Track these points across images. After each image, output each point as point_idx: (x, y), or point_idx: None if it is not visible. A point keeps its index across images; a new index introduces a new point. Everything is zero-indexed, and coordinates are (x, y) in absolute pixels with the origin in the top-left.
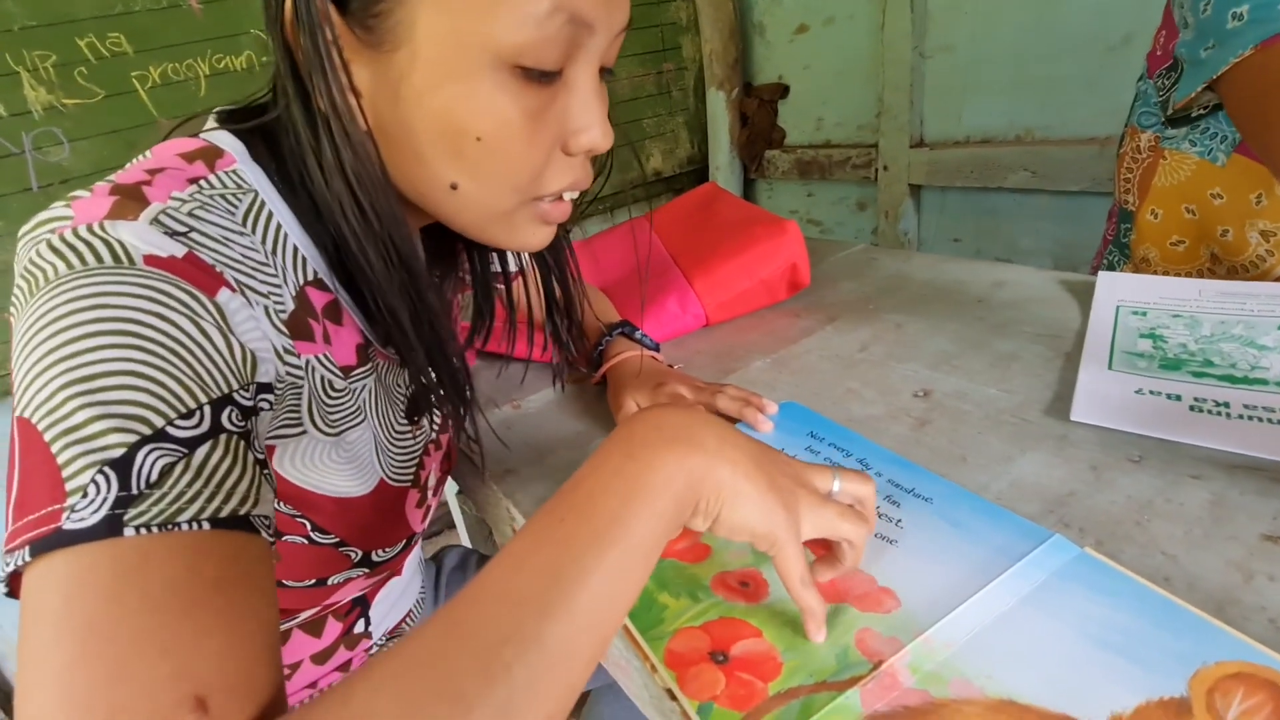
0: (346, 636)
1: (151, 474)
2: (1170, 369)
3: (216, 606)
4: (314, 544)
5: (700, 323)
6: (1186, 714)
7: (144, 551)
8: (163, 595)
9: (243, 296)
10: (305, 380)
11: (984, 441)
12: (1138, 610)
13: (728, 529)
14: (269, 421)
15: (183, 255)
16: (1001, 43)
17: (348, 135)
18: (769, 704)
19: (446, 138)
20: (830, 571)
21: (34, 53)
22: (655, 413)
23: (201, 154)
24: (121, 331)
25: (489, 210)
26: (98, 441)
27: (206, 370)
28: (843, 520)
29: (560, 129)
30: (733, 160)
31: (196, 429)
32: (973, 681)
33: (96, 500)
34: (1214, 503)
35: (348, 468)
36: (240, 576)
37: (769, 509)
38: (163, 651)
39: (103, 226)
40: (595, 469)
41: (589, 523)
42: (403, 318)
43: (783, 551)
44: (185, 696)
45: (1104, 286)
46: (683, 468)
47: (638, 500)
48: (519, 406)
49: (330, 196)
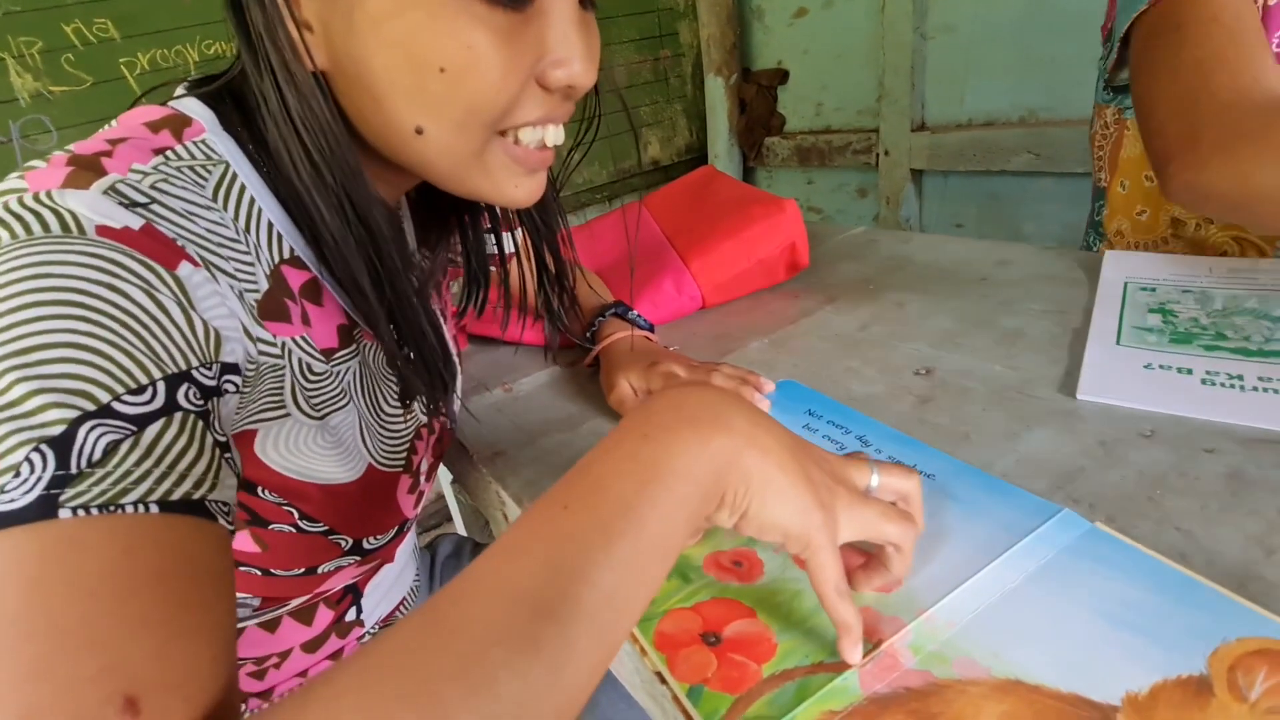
0: (338, 624)
1: (94, 452)
2: (1181, 343)
3: (157, 597)
4: (302, 532)
5: (697, 304)
6: (1207, 692)
7: (77, 536)
8: (95, 583)
9: (207, 272)
10: (285, 362)
11: (989, 418)
12: (1153, 586)
13: (757, 526)
14: (245, 404)
15: (139, 227)
16: (1004, 22)
17: (291, 74)
18: (763, 686)
19: (407, 71)
20: (877, 579)
21: (19, 39)
22: (675, 392)
23: (168, 122)
24: (65, 302)
25: (459, 153)
26: (35, 418)
27: (161, 345)
28: (886, 520)
29: (534, 60)
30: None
31: (148, 405)
32: (978, 661)
33: (30, 480)
34: (1231, 477)
35: (333, 452)
36: (188, 566)
37: (804, 506)
38: (89, 645)
39: (50, 195)
40: (606, 452)
41: (596, 512)
42: (362, 280)
43: (817, 556)
44: (113, 694)
45: (1111, 264)
46: (706, 451)
47: (654, 487)
48: (510, 389)
49: (281, 147)
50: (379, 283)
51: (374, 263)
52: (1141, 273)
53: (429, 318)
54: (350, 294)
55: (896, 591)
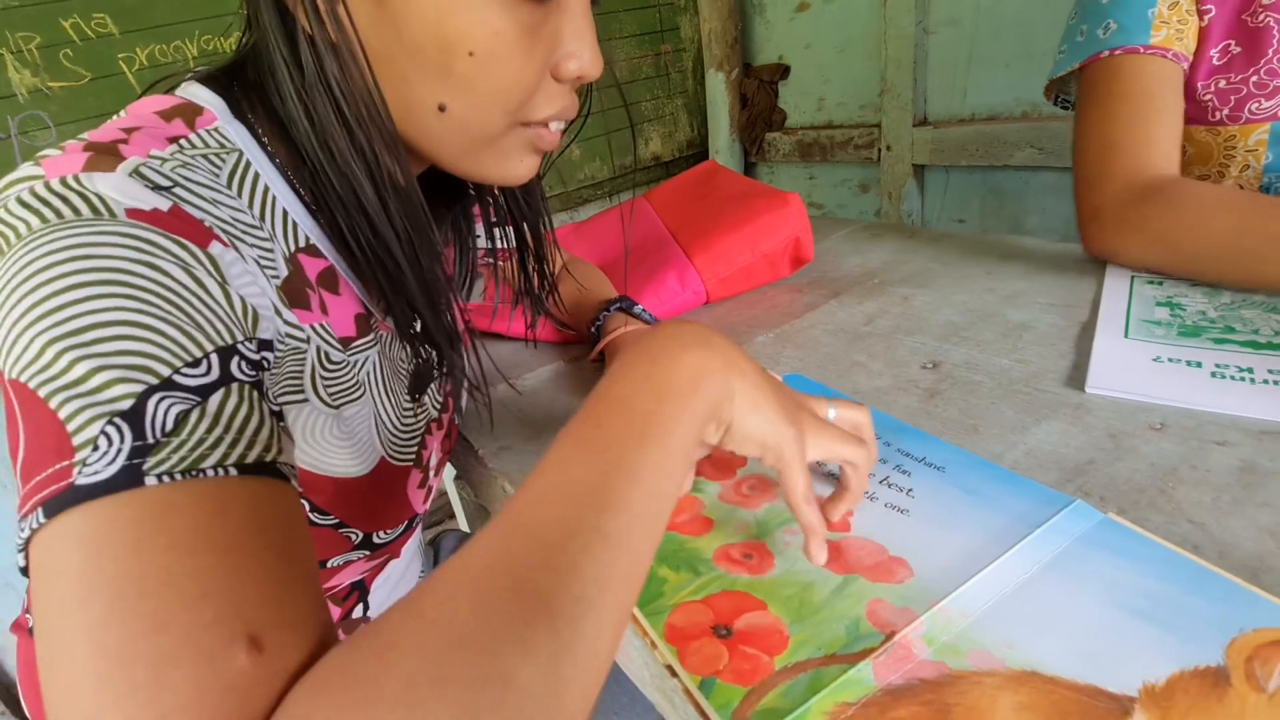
0: (345, 621)
1: (166, 422)
2: (1189, 336)
3: (254, 548)
4: (313, 525)
5: (701, 299)
6: (1224, 683)
7: (168, 500)
8: (193, 541)
9: (236, 252)
10: (308, 348)
11: (997, 411)
12: (1168, 576)
13: (739, 438)
14: (271, 385)
15: (168, 209)
16: (1007, 15)
17: (333, 43)
18: (775, 678)
19: (436, 52)
20: (841, 505)
21: (17, 34)
22: (668, 325)
23: (179, 111)
24: (110, 281)
25: (478, 134)
26: (102, 395)
27: (206, 320)
28: (844, 444)
29: (551, 51)
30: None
31: (206, 377)
32: (992, 652)
33: (110, 452)
34: (1243, 469)
35: (347, 444)
36: (274, 521)
37: (778, 422)
38: (203, 595)
39: (78, 179)
40: (620, 377)
41: (626, 424)
42: (395, 250)
43: (789, 466)
44: (235, 635)
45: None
46: (704, 370)
47: (671, 400)
48: (515, 385)
49: (313, 125)
50: (414, 257)
51: (409, 233)
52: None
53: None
54: (374, 271)
55: (909, 583)
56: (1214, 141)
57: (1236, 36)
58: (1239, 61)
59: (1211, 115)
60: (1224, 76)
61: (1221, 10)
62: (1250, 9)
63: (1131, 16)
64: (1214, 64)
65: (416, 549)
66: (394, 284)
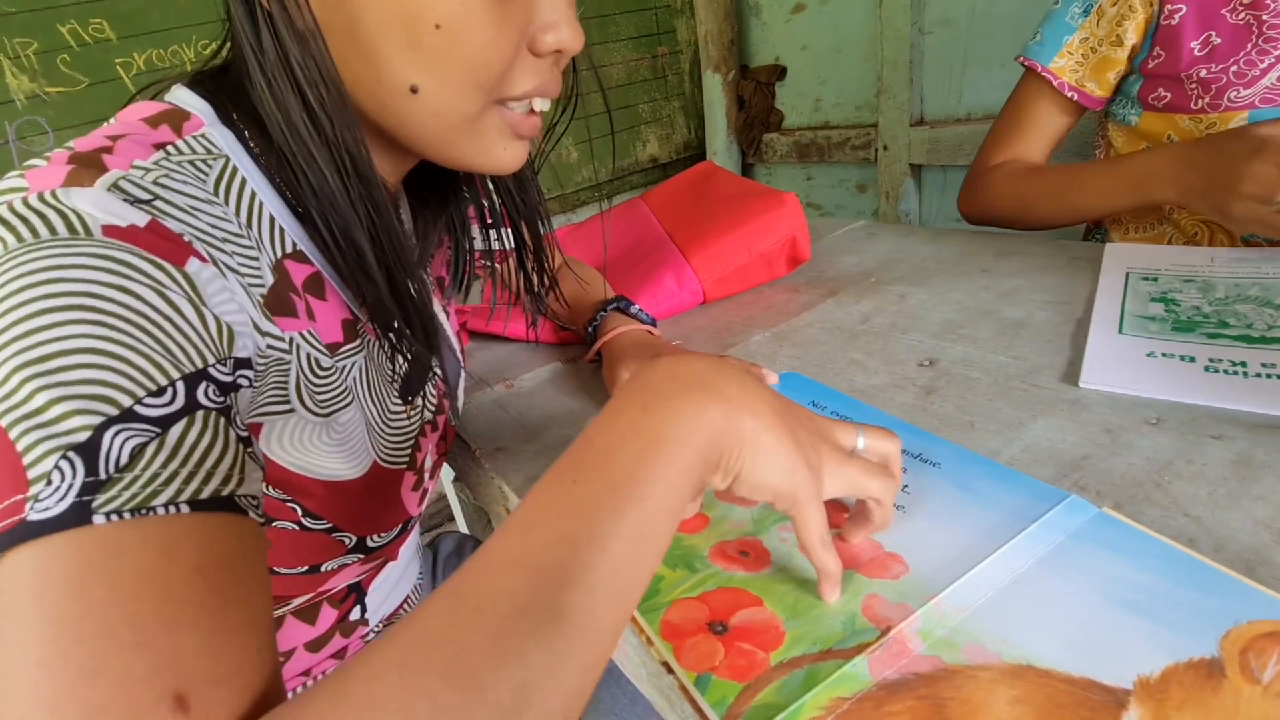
0: (342, 623)
1: (121, 457)
2: (1184, 331)
3: (197, 595)
4: (305, 530)
5: (698, 299)
6: (1219, 675)
7: (114, 540)
8: (135, 585)
9: (215, 267)
10: (292, 357)
11: (993, 408)
12: (1162, 570)
13: (749, 487)
14: (253, 399)
15: (145, 224)
16: (1001, 15)
17: (292, 25)
18: (771, 674)
19: (402, 27)
20: (861, 532)
21: (15, 40)
22: (670, 361)
23: (166, 117)
24: (79, 306)
25: (454, 115)
26: (60, 426)
27: (177, 344)
28: (868, 477)
29: (525, 23)
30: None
31: (169, 406)
32: (987, 646)
33: (62, 488)
34: (1238, 463)
35: (339, 450)
36: (224, 561)
37: (792, 466)
38: (137, 645)
39: (55, 195)
40: (608, 424)
41: (604, 483)
42: (358, 236)
43: (803, 512)
44: (164, 693)
45: (1112, 255)
46: (703, 418)
47: (657, 455)
48: (511, 385)
49: (279, 106)
50: (376, 240)
51: (371, 217)
52: (1143, 263)
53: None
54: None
55: (904, 578)
56: (1196, 129)
57: (1217, 28)
58: (1220, 52)
59: (1194, 103)
60: (1205, 66)
61: (1193, 6)
62: (1230, 5)
63: (1051, 35)
64: (1195, 54)
65: (415, 551)
66: (365, 274)
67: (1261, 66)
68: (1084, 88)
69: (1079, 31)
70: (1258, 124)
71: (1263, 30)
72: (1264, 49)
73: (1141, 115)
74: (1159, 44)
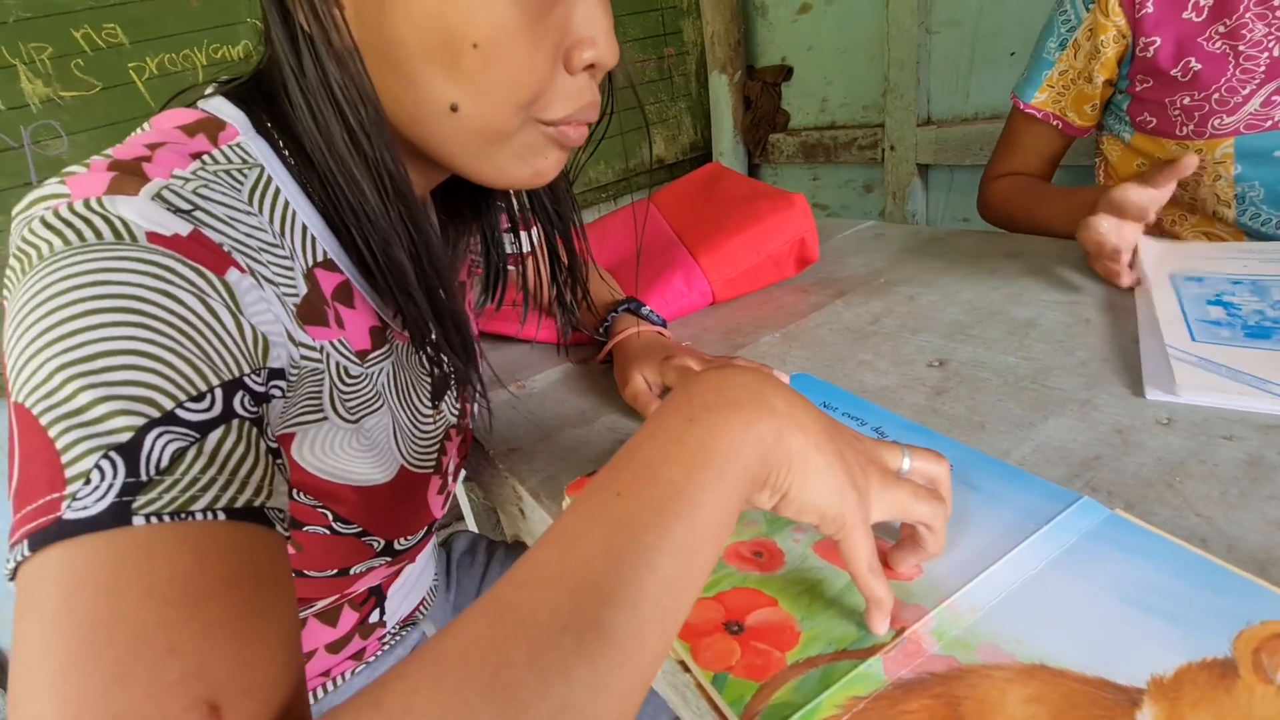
0: (361, 625)
1: (162, 459)
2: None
3: (230, 603)
4: (336, 534)
5: (707, 300)
6: (1231, 674)
7: (151, 543)
8: (170, 590)
9: (252, 278)
10: (324, 366)
11: (1004, 408)
12: (1175, 570)
13: (796, 508)
14: (286, 409)
15: (188, 233)
16: (1009, 15)
17: (331, 46)
18: (787, 674)
19: (440, 47)
20: (911, 559)
21: (30, 45)
22: (716, 374)
23: (202, 126)
24: (124, 309)
25: (493, 132)
26: (102, 425)
27: (217, 351)
28: (916, 500)
29: (561, 39)
30: (736, 145)
31: (208, 412)
32: (1002, 646)
33: (102, 487)
34: (1250, 463)
35: (368, 455)
36: (254, 572)
37: (840, 486)
38: (170, 651)
39: (100, 202)
40: (651, 436)
41: (650, 498)
42: (399, 255)
43: (850, 536)
44: (196, 700)
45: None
46: (751, 433)
47: (703, 470)
48: (523, 386)
49: (318, 127)
50: (417, 258)
51: (411, 236)
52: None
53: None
54: (384, 278)
55: (918, 579)
56: (1183, 153)
57: (1196, 55)
58: (1202, 79)
59: (1179, 129)
60: (1188, 93)
61: (1167, 37)
62: (1206, 34)
63: (1034, 71)
64: (1179, 81)
65: (430, 553)
66: (405, 292)
67: (1243, 94)
68: (1066, 117)
69: (1057, 65)
70: (1123, 186)
71: (1239, 60)
72: (1243, 79)
73: (1134, 135)
74: (1140, 72)
